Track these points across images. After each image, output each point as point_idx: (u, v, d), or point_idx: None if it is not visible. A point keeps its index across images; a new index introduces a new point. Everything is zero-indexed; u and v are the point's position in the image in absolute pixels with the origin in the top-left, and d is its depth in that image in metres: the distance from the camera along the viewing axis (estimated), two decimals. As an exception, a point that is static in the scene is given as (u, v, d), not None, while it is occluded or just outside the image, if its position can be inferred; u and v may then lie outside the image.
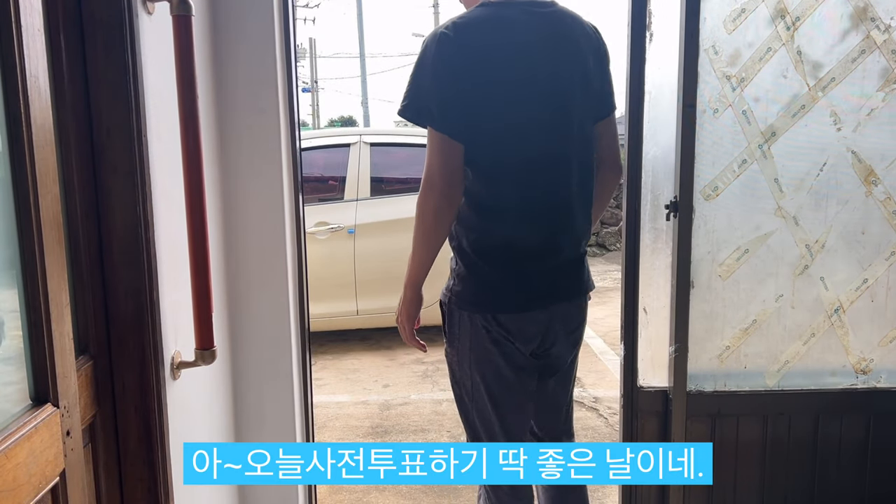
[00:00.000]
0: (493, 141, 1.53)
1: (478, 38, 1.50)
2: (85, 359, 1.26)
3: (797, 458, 2.21)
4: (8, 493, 0.87)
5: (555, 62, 1.56)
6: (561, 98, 1.57)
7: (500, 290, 1.58)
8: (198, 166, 1.38)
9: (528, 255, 1.58)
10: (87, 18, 1.24)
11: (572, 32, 1.60)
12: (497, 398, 1.62)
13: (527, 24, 1.54)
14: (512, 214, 1.56)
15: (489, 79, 1.50)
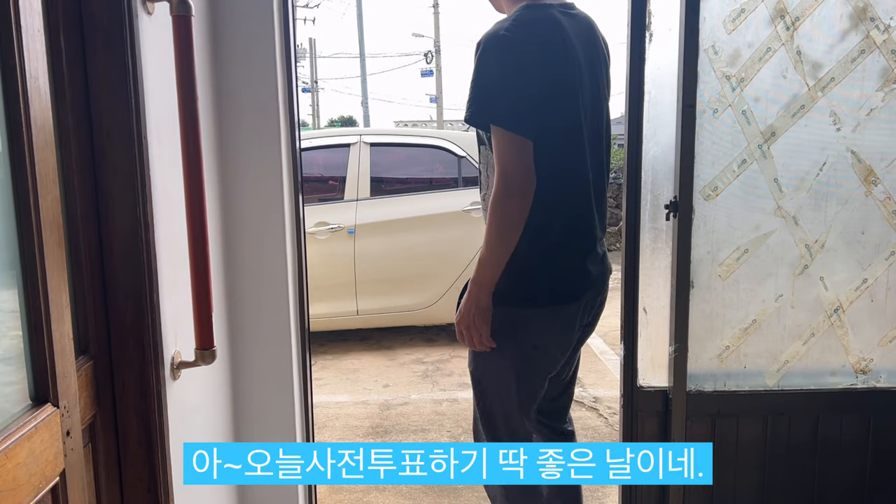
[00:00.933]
0: (556, 139, 1.56)
1: (536, 37, 1.51)
2: (85, 359, 1.26)
3: (797, 458, 2.21)
4: (8, 493, 0.87)
5: (592, 63, 1.63)
6: (597, 94, 1.65)
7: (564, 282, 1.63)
8: (198, 167, 1.38)
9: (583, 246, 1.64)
10: (86, 19, 1.24)
11: (598, 37, 1.69)
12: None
13: (569, 26, 1.57)
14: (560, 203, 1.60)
15: (551, 77, 1.52)
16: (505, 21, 1.54)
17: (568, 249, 1.63)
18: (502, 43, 1.50)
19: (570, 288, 1.63)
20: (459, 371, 4.56)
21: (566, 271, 1.63)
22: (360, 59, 23.10)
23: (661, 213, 2.10)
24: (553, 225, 1.59)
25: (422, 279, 4.81)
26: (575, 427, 1.94)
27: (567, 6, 1.63)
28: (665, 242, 2.13)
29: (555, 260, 1.61)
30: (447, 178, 5.21)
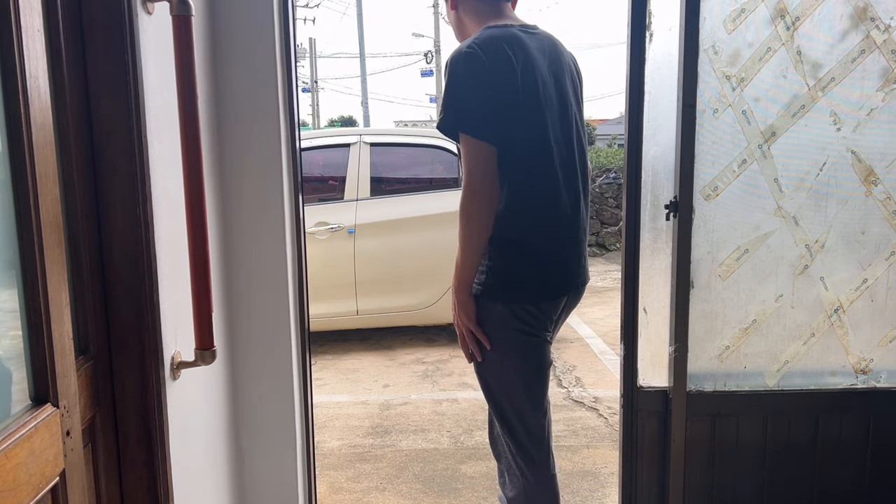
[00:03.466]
0: (521, 144, 1.66)
1: (501, 52, 1.63)
2: (85, 359, 1.26)
3: (797, 458, 2.21)
4: (8, 493, 0.87)
5: (557, 77, 1.74)
6: (565, 106, 1.75)
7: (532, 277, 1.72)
8: (197, 166, 1.38)
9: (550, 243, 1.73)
10: (86, 19, 1.24)
11: (562, 53, 1.81)
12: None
13: (531, 43, 1.71)
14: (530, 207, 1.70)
15: (514, 87, 1.63)
16: (470, 40, 1.66)
17: (544, 252, 1.73)
18: (468, 58, 1.62)
19: (553, 285, 1.75)
20: (459, 371, 4.56)
21: (543, 273, 1.73)
22: (360, 59, 23.10)
23: (661, 213, 2.10)
24: (529, 229, 1.70)
25: (422, 279, 4.81)
26: (575, 427, 1.94)
27: (528, 27, 1.76)
28: (665, 242, 2.13)
29: (531, 261, 1.71)
30: (447, 178, 5.21)
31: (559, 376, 4.42)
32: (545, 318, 1.74)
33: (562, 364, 4.69)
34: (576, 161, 1.77)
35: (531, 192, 1.69)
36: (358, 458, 3.22)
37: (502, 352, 1.74)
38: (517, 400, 1.76)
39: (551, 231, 1.72)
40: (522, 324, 1.71)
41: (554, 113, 1.70)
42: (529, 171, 1.68)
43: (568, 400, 3.96)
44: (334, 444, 3.38)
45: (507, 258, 1.69)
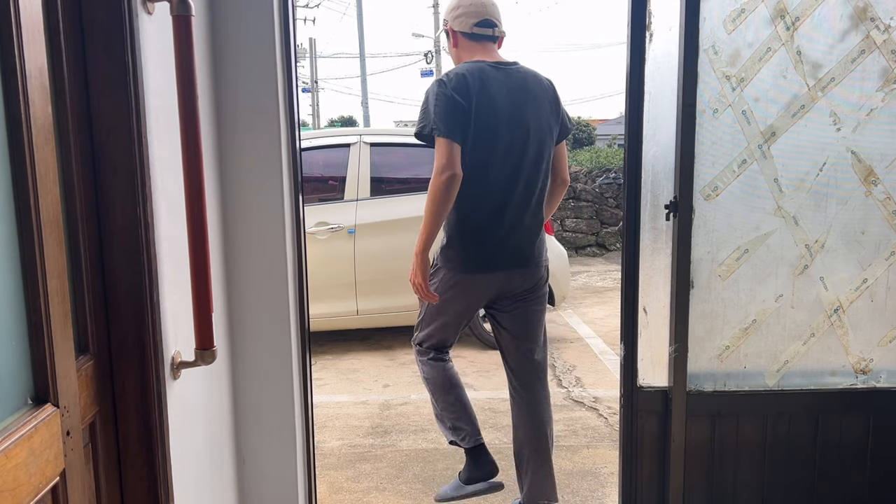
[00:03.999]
0: (472, 150, 2.19)
1: (464, 81, 2.19)
2: (85, 359, 1.26)
3: (797, 458, 2.21)
4: (8, 492, 0.87)
5: (515, 102, 2.24)
6: (520, 126, 2.23)
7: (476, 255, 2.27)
8: (198, 166, 1.38)
9: (488, 233, 2.25)
10: (86, 19, 1.24)
11: (528, 84, 2.28)
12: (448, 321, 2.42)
13: (495, 75, 2.24)
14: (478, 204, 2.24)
15: (472, 107, 2.17)
16: (445, 73, 2.23)
17: (473, 233, 2.25)
18: (439, 84, 2.21)
19: (475, 263, 2.27)
20: (459, 371, 4.55)
21: (473, 251, 2.26)
22: (360, 59, 23.10)
23: (661, 213, 2.10)
24: (465, 217, 2.24)
25: (422, 279, 4.81)
26: (575, 427, 1.95)
27: (504, 63, 2.29)
28: (665, 242, 2.13)
29: (468, 241, 2.25)
30: (447, 178, 5.19)
31: (559, 376, 4.42)
32: (482, 287, 2.31)
33: (562, 364, 4.68)
34: (524, 165, 2.24)
35: (477, 187, 2.21)
36: (358, 458, 3.22)
37: (443, 301, 2.35)
38: (436, 329, 2.44)
39: (491, 219, 2.24)
40: (463, 286, 2.31)
41: (504, 128, 2.21)
42: (478, 171, 2.20)
43: (568, 400, 3.96)
44: (334, 444, 3.38)
45: (455, 238, 2.28)
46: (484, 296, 2.35)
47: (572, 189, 9.73)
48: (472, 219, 2.24)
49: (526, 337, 2.39)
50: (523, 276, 2.32)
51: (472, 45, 2.32)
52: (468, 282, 2.29)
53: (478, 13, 2.29)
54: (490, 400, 3.99)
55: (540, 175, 2.28)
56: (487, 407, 3.86)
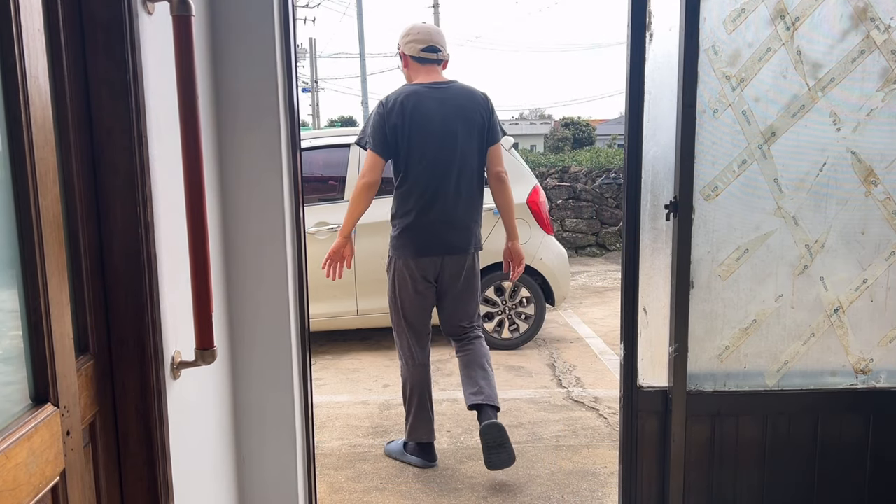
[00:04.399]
0: (407, 158, 2.78)
1: (399, 106, 2.76)
2: (85, 359, 1.26)
3: (797, 458, 2.21)
4: (8, 492, 0.87)
5: (446, 116, 2.77)
6: (449, 136, 2.78)
7: (417, 240, 2.84)
8: (198, 166, 1.38)
9: (425, 224, 2.80)
10: (87, 18, 1.24)
11: (459, 100, 2.81)
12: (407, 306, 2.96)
13: (429, 95, 2.78)
14: (422, 198, 2.78)
15: (404, 123, 2.74)
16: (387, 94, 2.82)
17: (411, 226, 2.82)
18: (379, 106, 2.82)
19: (415, 248, 2.83)
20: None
21: (413, 239, 2.82)
22: (360, 59, 23.09)
23: (661, 213, 2.10)
24: (408, 212, 2.82)
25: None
26: (575, 427, 1.95)
27: (439, 84, 2.82)
28: (665, 242, 2.13)
29: (409, 230, 2.82)
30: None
31: (559, 376, 4.42)
32: (422, 270, 2.87)
33: (562, 364, 4.68)
34: (453, 170, 2.79)
35: (414, 187, 2.78)
36: (358, 458, 3.22)
37: (394, 283, 2.92)
38: (399, 316, 2.95)
39: (426, 213, 2.79)
40: (403, 273, 2.88)
41: (435, 140, 2.75)
42: (414, 174, 2.77)
43: (568, 400, 3.96)
44: (334, 444, 3.38)
45: (397, 228, 2.85)
46: (427, 274, 2.89)
47: (572, 189, 9.73)
48: (412, 213, 2.80)
49: (457, 307, 2.97)
50: (456, 260, 2.87)
51: (418, 67, 2.85)
52: (412, 264, 2.85)
53: (424, 40, 2.81)
54: (490, 400, 3.99)
55: (470, 176, 2.84)
56: (487, 407, 3.86)
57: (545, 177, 10.28)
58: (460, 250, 2.86)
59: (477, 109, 2.81)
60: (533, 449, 3.27)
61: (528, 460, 3.15)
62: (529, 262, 4.99)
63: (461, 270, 2.89)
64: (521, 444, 3.32)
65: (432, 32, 2.84)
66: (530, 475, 3.00)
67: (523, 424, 3.59)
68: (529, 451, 3.25)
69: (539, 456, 3.20)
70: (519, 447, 3.29)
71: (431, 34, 2.82)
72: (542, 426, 3.56)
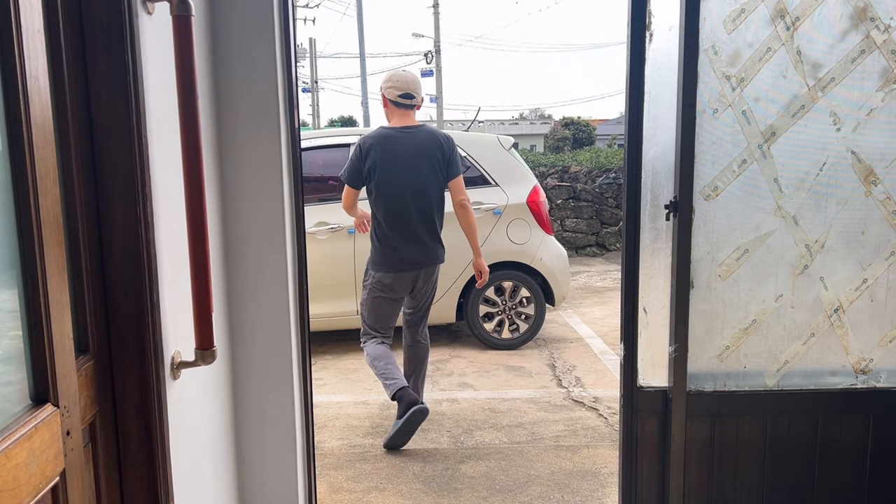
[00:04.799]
0: (381, 190, 3.29)
1: (368, 144, 3.30)
2: (85, 358, 1.26)
3: (797, 458, 2.21)
4: (8, 492, 0.87)
5: (410, 155, 3.29)
6: (415, 173, 3.29)
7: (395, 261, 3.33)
8: (198, 166, 1.38)
9: (399, 245, 3.30)
10: (87, 19, 1.24)
11: (423, 141, 3.31)
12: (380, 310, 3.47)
13: (399, 137, 3.30)
14: (394, 227, 3.30)
15: (375, 163, 3.27)
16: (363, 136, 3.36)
17: (391, 248, 3.31)
18: (356, 148, 3.35)
19: (393, 265, 3.32)
20: (459, 371, 4.56)
21: (390, 257, 3.32)
22: (360, 59, 23.09)
23: (661, 213, 2.10)
24: (385, 235, 3.31)
25: (422, 279, 4.81)
26: (575, 427, 1.95)
27: (408, 128, 3.32)
28: (665, 242, 2.13)
29: (386, 251, 3.32)
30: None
31: (559, 376, 4.42)
32: (399, 283, 3.35)
33: (562, 364, 4.68)
34: (420, 199, 3.29)
35: (388, 215, 3.29)
36: (358, 458, 3.22)
37: (369, 292, 3.43)
38: (369, 317, 3.47)
39: (398, 236, 3.29)
40: (381, 284, 3.36)
41: (405, 175, 3.27)
42: (387, 204, 3.28)
43: (568, 400, 3.96)
44: (334, 444, 3.38)
45: (376, 248, 3.36)
46: (406, 287, 3.38)
47: (572, 189, 9.74)
48: (390, 239, 3.30)
49: (419, 305, 3.51)
50: (424, 274, 3.39)
51: (395, 109, 3.34)
52: (392, 279, 3.33)
53: (401, 88, 3.30)
54: (490, 400, 3.99)
55: (430, 205, 3.33)
56: (487, 407, 3.86)
57: (545, 177, 10.28)
58: (428, 264, 3.38)
59: (437, 150, 3.32)
60: (533, 449, 3.27)
61: (528, 460, 3.15)
62: (529, 262, 5.00)
63: (431, 277, 3.44)
64: (521, 444, 3.32)
65: (409, 81, 3.34)
66: (530, 475, 3.00)
67: (523, 424, 3.59)
68: (529, 451, 3.25)
69: (539, 456, 3.20)
70: (519, 447, 3.29)
71: (408, 83, 3.32)
72: (542, 426, 3.56)
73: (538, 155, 17.13)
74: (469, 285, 4.97)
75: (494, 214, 4.99)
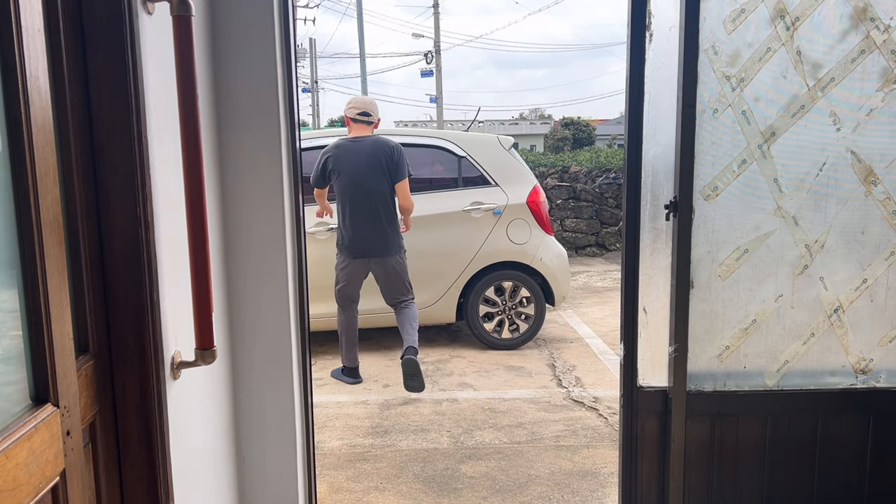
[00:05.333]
0: (340, 189, 4.08)
1: (333, 154, 4.09)
2: (85, 358, 1.26)
3: (797, 458, 2.21)
4: (8, 492, 0.87)
5: (360, 161, 4.05)
6: (364, 175, 4.05)
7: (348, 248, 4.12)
8: (198, 166, 1.38)
9: (355, 236, 4.09)
10: (87, 18, 1.24)
11: (371, 149, 4.07)
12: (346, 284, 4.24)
13: (351, 147, 4.09)
14: (347, 220, 4.08)
15: (334, 167, 4.07)
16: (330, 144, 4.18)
17: (345, 236, 4.11)
18: (322, 155, 4.13)
19: (355, 252, 4.10)
20: (459, 371, 4.56)
21: (347, 243, 4.11)
22: (360, 58, 23.09)
23: (661, 213, 2.11)
24: (345, 225, 4.09)
25: (421, 279, 4.81)
26: (575, 427, 1.95)
27: (359, 138, 4.13)
28: (665, 242, 2.13)
29: (346, 240, 4.10)
30: (447, 178, 5.21)
31: (559, 376, 4.42)
32: (357, 267, 4.14)
33: (562, 364, 4.69)
34: (372, 196, 4.04)
35: (346, 208, 4.07)
36: (358, 458, 3.22)
37: (338, 273, 4.21)
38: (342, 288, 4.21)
39: (354, 227, 4.06)
40: (344, 266, 4.16)
41: (354, 178, 4.04)
42: (344, 200, 4.07)
43: (568, 400, 3.96)
44: (334, 444, 3.38)
45: (340, 237, 4.15)
46: (359, 271, 4.16)
47: (572, 189, 9.74)
48: (345, 229, 4.10)
49: (389, 291, 4.18)
50: (379, 261, 4.10)
51: (353, 125, 4.20)
52: (348, 262, 4.14)
53: (359, 108, 4.18)
54: (490, 400, 3.99)
55: (377, 204, 4.06)
56: (487, 407, 3.87)
57: (545, 177, 10.28)
58: (380, 254, 4.10)
59: (383, 155, 4.07)
60: (533, 449, 3.28)
61: (528, 460, 3.15)
62: (529, 262, 5.00)
63: (385, 266, 4.12)
64: (521, 444, 3.32)
65: (366, 103, 4.26)
66: (530, 475, 3.00)
67: (523, 424, 3.59)
68: (529, 451, 3.26)
69: (539, 456, 3.20)
70: (519, 447, 3.29)
71: (366, 104, 4.24)
72: (542, 426, 3.56)
73: (538, 155, 17.13)
74: (469, 285, 4.98)
75: (494, 214, 4.99)
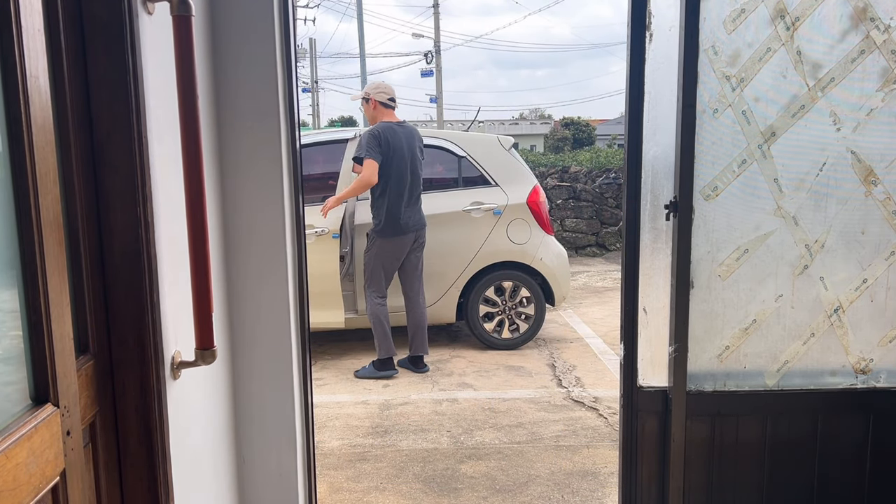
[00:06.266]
0: (386, 168, 4.32)
1: (381, 133, 4.33)
2: (85, 358, 1.26)
3: (797, 458, 2.21)
4: (8, 492, 0.87)
5: (406, 144, 4.37)
6: (409, 157, 4.38)
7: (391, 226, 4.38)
8: (198, 166, 1.38)
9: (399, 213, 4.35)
10: (87, 19, 1.24)
11: (411, 134, 4.45)
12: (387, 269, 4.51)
13: (397, 130, 4.39)
14: (394, 199, 4.35)
15: (387, 147, 4.32)
16: (374, 125, 4.41)
17: (393, 215, 4.33)
18: (372, 132, 4.34)
19: (399, 229, 4.36)
20: (459, 371, 4.56)
21: (395, 223, 4.34)
22: (360, 58, 23.09)
23: (661, 213, 2.10)
24: (390, 203, 4.33)
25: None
26: (575, 427, 1.95)
27: (400, 123, 4.43)
28: (665, 242, 2.13)
29: (390, 217, 4.33)
30: (447, 178, 5.21)
31: (559, 376, 4.42)
32: (401, 245, 4.39)
33: (562, 364, 4.68)
34: (411, 177, 4.36)
35: (389, 188, 4.32)
36: (358, 458, 3.22)
37: (377, 255, 4.39)
38: (378, 272, 4.42)
39: (398, 205, 4.33)
40: (387, 245, 4.38)
41: (402, 158, 4.32)
42: (389, 180, 4.32)
43: (568, 400, 3.96)
44: (334, 444, 3.38)
45: (383, 217, 4.34)
46: (400, 250, 4.40)
47: (572, 189, 9.74)
48: (392, 206, 4.31)
49: (413, 273, 4.49)
50: (417, 235, 4.44)
51: (384, 110, 4.43)
52: (395, 241, 4.35)
53: (388, 93, 4.45)
54: (490, 400, 3.99)
55: (418, 182, 4.46)
56: (487, 407, 3.87)
57: (545, 177, 10.28)
58: (419, 228, 4.47)
59: (417, 139, 4.48)
60: (533, 449, 3.28)
61: (528, 460, 3.15)
62: (529, 262, 5.00)
63: (421, 240, 4.51)
64: (521, 444, 3.33)
65: (391, 88, 4.51)
66: (530, 475, 3.00)
67: (523, 424, 3.59)
68: (529, 451, 3.26)
69: (539, 456, 3.20)
70: (519, 447, 3.29)
71: (391, 90, 4.50)
72: (542, 426, 3.56)
73: (538, 155, 17.13)
74: (469, 285, 4.97)
75: (494, 214, 4.99)
